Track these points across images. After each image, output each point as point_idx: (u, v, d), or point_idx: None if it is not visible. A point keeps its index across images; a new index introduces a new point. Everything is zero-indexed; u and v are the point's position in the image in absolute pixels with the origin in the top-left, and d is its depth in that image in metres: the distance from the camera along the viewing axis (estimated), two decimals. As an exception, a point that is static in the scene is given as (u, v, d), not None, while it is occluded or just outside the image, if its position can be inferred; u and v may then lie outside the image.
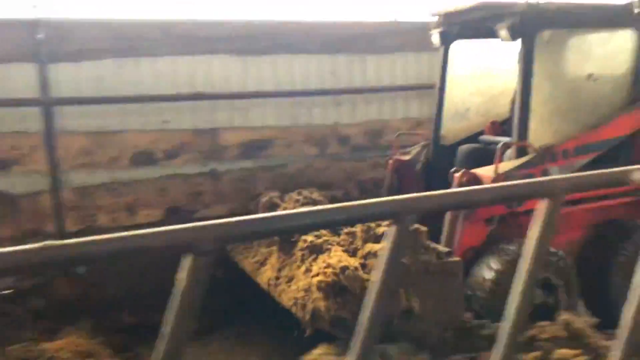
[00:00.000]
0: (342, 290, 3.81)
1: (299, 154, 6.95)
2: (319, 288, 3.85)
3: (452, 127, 6.23)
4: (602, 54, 5.50)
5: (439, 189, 1.75)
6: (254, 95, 6.63)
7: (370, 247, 4.18)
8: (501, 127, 6.15)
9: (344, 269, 3.86)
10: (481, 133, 6.18)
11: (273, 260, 4.88)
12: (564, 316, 3.71)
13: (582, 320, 3.67)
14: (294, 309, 4.10)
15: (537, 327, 3.60)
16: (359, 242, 4.34)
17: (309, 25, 6.94)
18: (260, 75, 6.65)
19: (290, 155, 6.91)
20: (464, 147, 5.94)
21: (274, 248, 4.93)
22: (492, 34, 5.20)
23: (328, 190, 6.82)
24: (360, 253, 4.22)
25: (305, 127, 6.97)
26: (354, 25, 7.25)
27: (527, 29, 5.05)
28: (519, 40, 5.13)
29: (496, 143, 5.28)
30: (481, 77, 6.41)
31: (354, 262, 4.04)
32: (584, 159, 5.21)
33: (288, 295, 4.28)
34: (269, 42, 6.63)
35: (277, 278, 4.62)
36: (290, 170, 6.89)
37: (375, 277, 1.60)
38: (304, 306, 3.99)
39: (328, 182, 6.98)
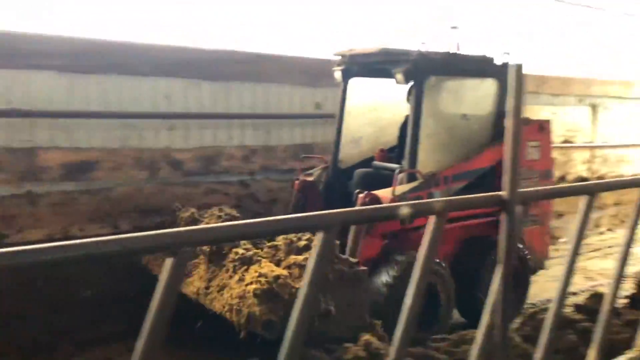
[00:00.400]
0: (274, 296, 4.31)
1: (127, 178, 6.72)
2: (254, 295, 4.32)
3: (348, 153, 7.01)
4: (473, 98, 6.51)
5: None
6: (78, 115, 6.32)
7: (294, 258, 4.69)
8: (388, 154, 6.92)
9: (276, 277, 4.39)
10: (372, 158, 6.93)
11: (201, 271, 5.22)
12: (365, 337, 3.99)
13: (379, 341, 3.96)
14: (228, 315, 4.54)
15: (341, 349, 3.83)
16: (282, 254, 4.88)
17: (141, 47, 6.80)
18: (87, 95, 6.36)
19: (118, 178, 6.67)
20: (359, 171, 6.69)
21: (200, 260, 5.29)
22: (387, 75, 5.98)
23: (157, 216, 6.69)
24: (284, 264, 4.71)
25: (134, 150, 6.76)
26: (190, 50, 7.25)
27: (418, 74, 5.87)
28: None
29: (386, 168, 6.26)
30: (372, 109, 7.22)
31: (282, 271, 4.54)
32: (460, 185, 6.07)
33: (221, 303, 4.70)
34: (97, 61, 6.38)
35: (207, 288, 5.00)
36: (116, 194, 6.64)
37: (152, 306, 1.64)
38: (239, 311, 4.43)
39: (158, 207, 6.81)
